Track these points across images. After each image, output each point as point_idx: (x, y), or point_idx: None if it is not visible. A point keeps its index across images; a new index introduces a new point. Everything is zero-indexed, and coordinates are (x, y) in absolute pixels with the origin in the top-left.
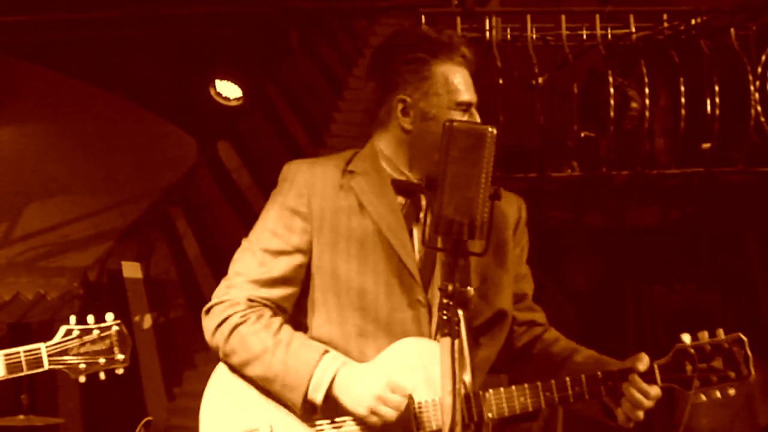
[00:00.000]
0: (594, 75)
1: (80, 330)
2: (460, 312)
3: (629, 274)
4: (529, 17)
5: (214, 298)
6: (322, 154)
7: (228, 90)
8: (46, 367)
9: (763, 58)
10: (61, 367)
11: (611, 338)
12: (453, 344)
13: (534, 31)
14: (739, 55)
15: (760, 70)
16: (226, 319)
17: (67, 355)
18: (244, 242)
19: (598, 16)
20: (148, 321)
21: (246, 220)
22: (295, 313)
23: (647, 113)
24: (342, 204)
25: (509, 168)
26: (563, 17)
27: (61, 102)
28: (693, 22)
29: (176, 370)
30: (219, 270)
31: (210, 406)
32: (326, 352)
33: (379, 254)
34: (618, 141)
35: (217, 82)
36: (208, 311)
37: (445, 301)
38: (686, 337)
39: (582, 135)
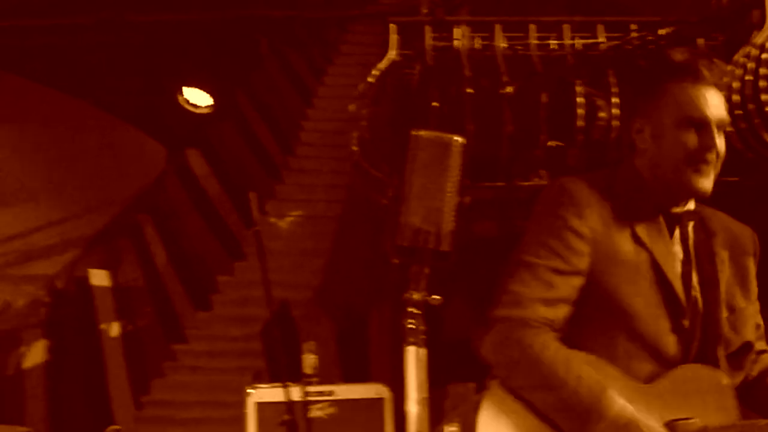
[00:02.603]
0: (562, 84)
1: None
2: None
3: None
4: (498, 27)
5: (497, 315)
6: (292, 162)
7: (197, 97)
8: None
9: (729, 68)
10: None
11: None
12: (418, 354)
13: (503, 41)
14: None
15: (726, 79)
16: (518, 338)
17: None
18: (524, 258)
19: (566, 26)
20: (115, 329)
21: (215, 227)
22: None
23: (615, 123)
24: (615, 230)
25: (477, 177)
26: (532, 27)
27: (29, 108)
28: (661, 32)
29: (144, 378)
30: (187, 278)
31: (489, 424)
32: (608, 388)
33: (651, 279)
34: (586, 150)
35: (187, 89)
36: (488, 327)
37: (411, 310)
38: None
39: (550, 144)
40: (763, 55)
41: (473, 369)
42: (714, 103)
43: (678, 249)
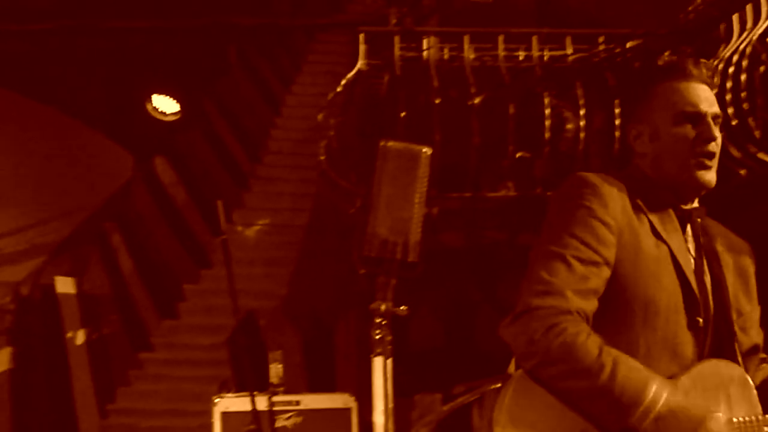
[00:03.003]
0: (530, 96)
1: None
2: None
3: None
4: (466, 38)
5: (530, 304)
6: (259, 170)
7: (165, 105)
8: None
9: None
10: None
11: None
12: (385, 364)
13: (471, 52)
14: None
15: (716, 79)
16: (553, 326)
17: None
18: (552, 249)
19: (535, 37)
20: (81, 337)
21: (181, 236)
22: None
23: (582, 134)
24: (636, 223)
25: (445, 187)
26: (501, 38)
27: None
28: (629, 45)
29: (109, 386)
30: (153, 286)
31: (515, 414)
32: (653, 377)
33: (672, 275)
34: (553, 162)
35: (155, 96)
36: (520, 316)
37: (378, 320)
38: None
39: (517, 155)
40: (730, 69)
41: (440, 379)
42: (706, 97)
43: (691, 245)
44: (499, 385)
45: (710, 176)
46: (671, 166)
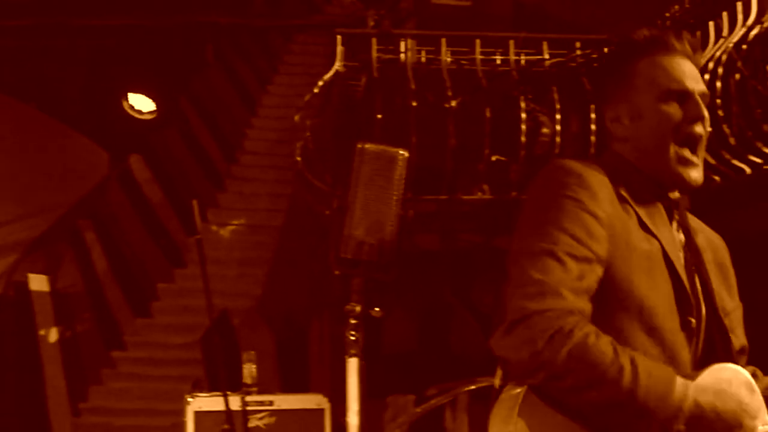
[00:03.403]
0: (507, 100)
1: None
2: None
3: None
4: (444, 41)
5: (525, 309)
6: (235, 170)
7: (141, 103)
8: None
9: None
10: None
11: None
12: (359, 366)
13: (448, 55)
14: None
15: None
16: (558, 331)
17: None
18: (539, 245)
19: (512, 42)
20: (54, 335)
21: (156, 234)
22: None
23: (558, 139)
24: (624, 216)
25: (420, 190)
26: (478, 42)
27: None
28: (605, 50)
29: (82, 385)
30: (127, 284)
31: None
32: (674, 373)
33: (664, 273)
34: (529, 166)
35: (131, 95)
36: (516, 324)
37: (352, 322)
38: None
39: (493, 159)
40: (706, 76)
41: (413, 381)
42: (692, 73)
43: (680, 237)
44: (472, 387)
45: (694, 174)
46: (654, 151)
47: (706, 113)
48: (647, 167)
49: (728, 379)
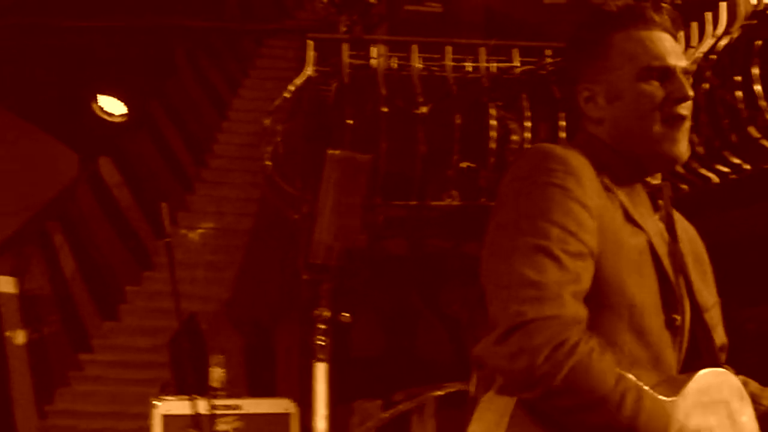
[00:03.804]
0: (477, 106)
1: None
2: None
3: None
4: (415, 47)
5: (523, 315)
6: (204, 174)
7: (111, 106)
8: None
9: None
10: None
11: None
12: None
13: (419, 61)
14: None
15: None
16: (561, 343)
17: None
18: (529, 240)
19: (483, 49)
20: (21, 337)
21: (125, 237)
22: None
23: (527, 146)
24: (610, 206)
25: (390, 195)
26: (449, 48)
27: None
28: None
29: (48, 387)
30: (95, 287)
31: None
32: (672, 403)
33: (650, 268)
34: (498, 173)
35: (101, 97)
36: (512, 331)
37: (321, 327)
38: None
39: (463, 165)
40: None
41: (380, 386)
42: (673, 49)
43: (663, 228)
44: (439, 393)
45: (682, 148)
46: (635, 132)
47: (691, 92)
48: (627, 149)
49: (718, 387)
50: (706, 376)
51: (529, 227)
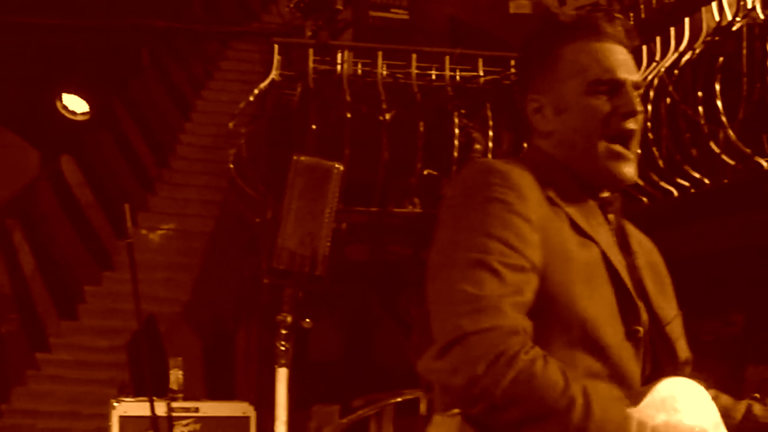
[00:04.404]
0: (440, 115)
1: None
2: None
3: None
4: (380, 54)
5: (461, 328)
6: (166, 175)
7: (75, 104)
8: None
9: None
10: None
11: None
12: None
13: (384, 68)
14: None
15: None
16: (501, 354)
17: None
18: (468, 255)
19: (448, 57)
20: None
21: (85, 236)
22: None
23: (490, 155)
24: (555, 218)
25: (352, 201)
26: (414, 56)
27: None
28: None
29: (5, 386)
30: (54, 286)
31: None
32: (631, 405)
33: (605, 280)
34: None
35: (65, 95)
36: (451, 346)
37: (283, 332)
38: None
39: (425, 173)
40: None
41: (338, 391)
42: (624, 61)
43: (615, 239)
44: (398, 399)
45: (627, 168)
46: (580, 148)
47: (640, 107)
48: (574, 164)
49: (681, 395)
50: (670, 383)
51: (468, 242)
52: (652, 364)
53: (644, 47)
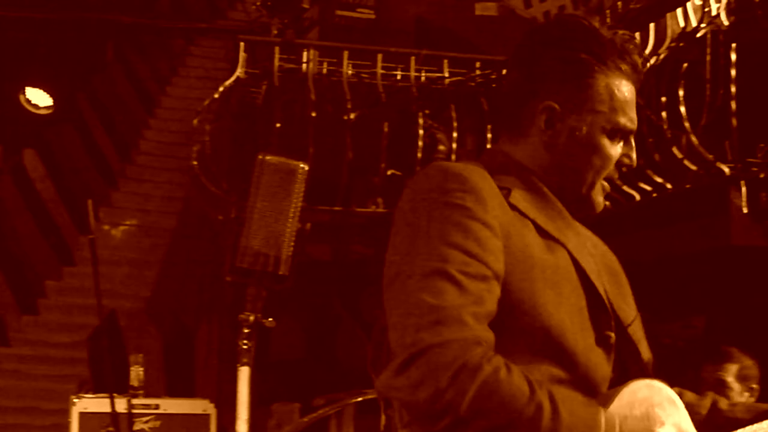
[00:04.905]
0: (405, 115)
1: None
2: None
3: None
4: (346, 53)
5: (421, 342)
6: (129, 170)
7: (38, 98)
8: None
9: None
10: None
11: None
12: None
13: (350, 68)
14: None
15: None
16: (463, 366)
17: None
18: (427, 264)
19: (413, 58)
20: None
21: (46, 231)
22: None
23: (454, 156)
24: (518, 222)
25: (315, 200)
26: (379, 56)
27: None
28: (504, 71)
29: None
30: (14, 280)
31: None
32: (599, 408)
33: (573, 284)
34: None
35: (28, 89)
36: (411, 361)
37: (246, 330)
38: None
39: (389, 173)
40: None
41: (298, 389)
42: (635, 106)
43: (584, 241)
44: (359, 399)
45: (601, 198)
46: (574, 175)
47: (634, 155)
48: (554, 180)
49: (651, 399)
50: (637, 385)
51: (427, 251)
52: (618, 370)
53: None
